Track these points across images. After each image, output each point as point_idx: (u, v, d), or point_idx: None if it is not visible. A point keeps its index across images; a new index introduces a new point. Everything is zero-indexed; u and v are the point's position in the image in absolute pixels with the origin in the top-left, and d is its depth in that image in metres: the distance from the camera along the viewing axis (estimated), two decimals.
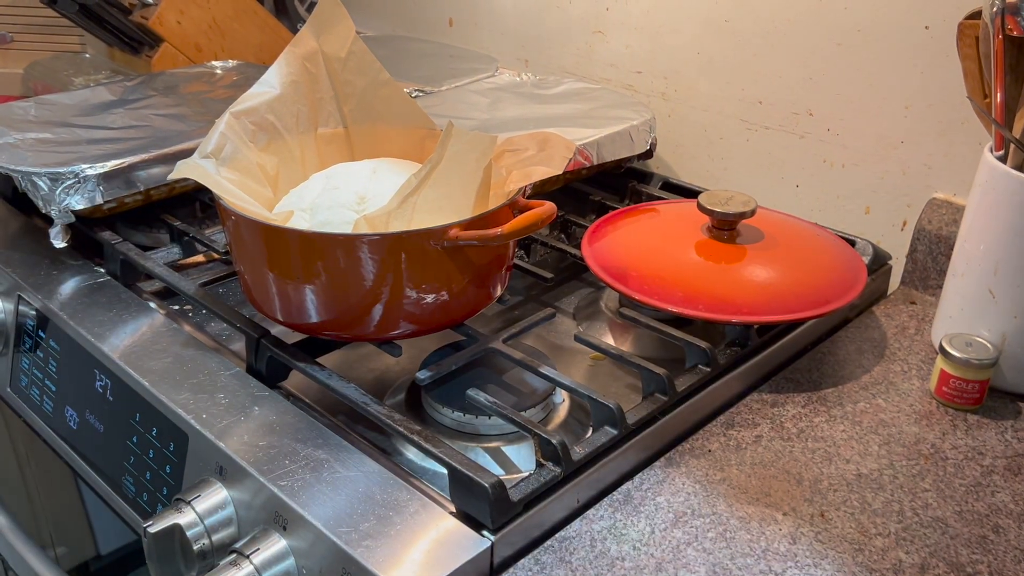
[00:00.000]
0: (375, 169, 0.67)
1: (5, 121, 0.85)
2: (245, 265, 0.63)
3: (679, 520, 0.55)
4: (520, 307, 0.81)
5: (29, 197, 0.76)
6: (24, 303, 0.75)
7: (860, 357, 0.73)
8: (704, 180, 0.99)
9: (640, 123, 0.91)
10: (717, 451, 0.61)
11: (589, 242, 0.75)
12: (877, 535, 0.55)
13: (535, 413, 0.63)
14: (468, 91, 1.01)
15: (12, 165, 0.75)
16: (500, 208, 0.61)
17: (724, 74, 0.94)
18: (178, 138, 0.82)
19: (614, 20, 1.02)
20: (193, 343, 0.68)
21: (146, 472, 0.63)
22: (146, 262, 0.74)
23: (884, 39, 0.82)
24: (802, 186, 0.92)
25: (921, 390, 0.69)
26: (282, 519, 0.53)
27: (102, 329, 0.69)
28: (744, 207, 0.72)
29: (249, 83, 1.00)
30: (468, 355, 0.64)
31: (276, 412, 0.60)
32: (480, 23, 1.18)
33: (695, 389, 0.64)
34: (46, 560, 0.81)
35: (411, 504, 0.53)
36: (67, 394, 0.71)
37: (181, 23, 1.15)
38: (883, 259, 0.83)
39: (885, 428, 0.65)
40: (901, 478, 0.60)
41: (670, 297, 0.67)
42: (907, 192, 0.85)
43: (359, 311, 0.60)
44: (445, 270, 0.60)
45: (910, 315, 0.79)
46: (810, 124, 0.89)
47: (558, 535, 0.54)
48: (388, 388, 0.69)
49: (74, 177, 0.74)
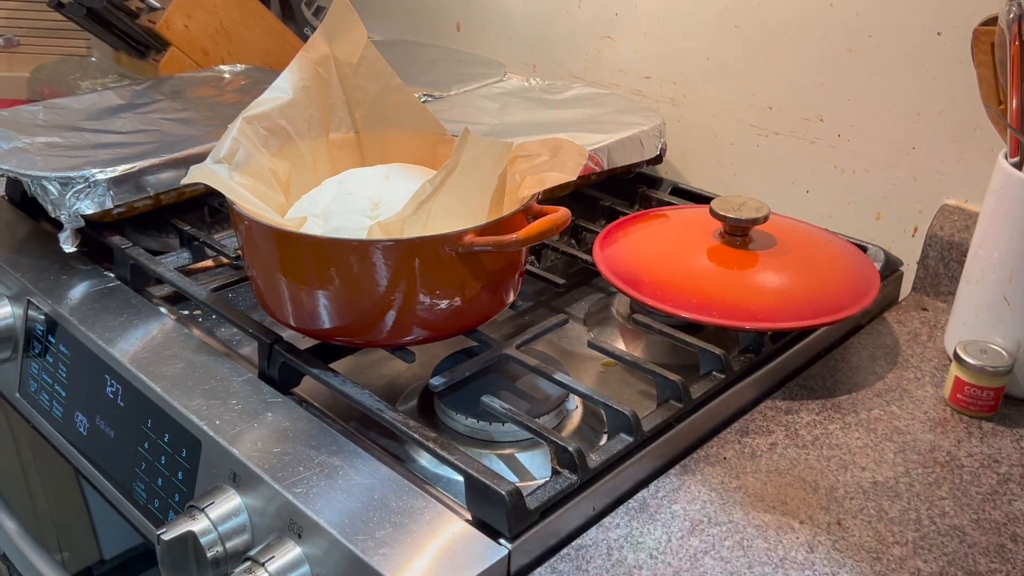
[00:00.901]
0: (388, 175, 0.67)
1: (13, 125, 0.84)
2: (257, 270, 0.62)
3: (696, 528, 0.55)
4: (530, 312, 0.81)
5: (38, 201, 0.75)
6: (33, 307, 0.75)
7: (873, 364, 0.72)
8: (713, 186, 0.99)
9: (650, 128, 0.90)
10: (732, 458, 0.61)
11: (601, 247, 0.75)
12: (895, 543, 0.55)
13: (549, 420, 0.63)
14: (477, 96, 1.01)
15: (22, 169, 0.75)
16: (514, 214, 0.61)
17: (734, 79, 0.94)
18: (187, 143, 0.82)
19: (623, 25, 1.02)
20: (204, 348, 0.67)
21: (158, 478, 0.62)
22: (156, 267, 0.74)
23: (896, 45, 0.82)
24: (812, 192, 0.91)
25: (935, 397, 0.69)
26: (297, 526, 0.53)
27: (112, 334, 0.69)
28: (757, 213, 0.72)
29: (257, 87, 1.01)
30: (482, 361, 0.64)
31: (289, 418, 0.60)
32: (488, 28, 1.18)
33: (710, 396, 0.63)
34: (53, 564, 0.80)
35: (426, 511, 0.53)
36: (77, 399, 0.70)
37: (188, 27, 1.15)
38: (895, 265, 0.83)
39: (900, 435, 0.64)
40: (917, 486, 0.60)
41: (684, 303, 0.67)
42: (918, 198, 0.85)
43: (372, 317, 0.60)
44: (459, 276, 0.59)
45: (922, 321, 0.79)
46: (820, 130, 0.89)
47: (574, 543, 0.54)
48: (399, 393, 0.69)
49: (84, 182, 0.74)
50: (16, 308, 0.77)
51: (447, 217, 0.60)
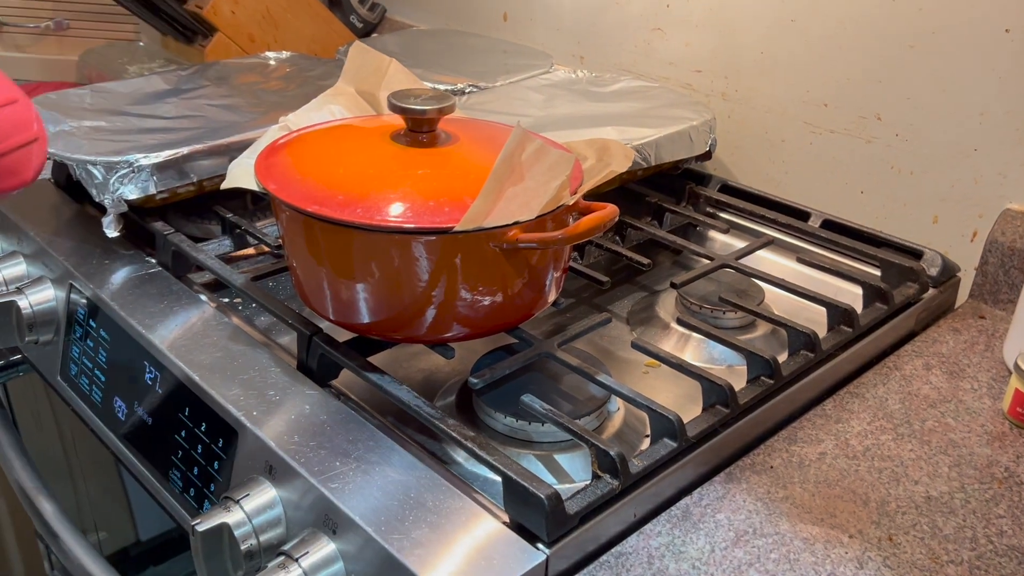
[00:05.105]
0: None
1: (61, 108, 0.85)
2: (297, 260, 0.62)
3: (740, 539, 0.53)
4: (571, 310, 0.79)
5: (83, 185, 0.75)
6: (75, 291, 0.75)
7: (927, 373, 0.70)
8: (764, 183, 0.96)
9: (700, 123, 0.88)
10: (779, 467, 0.59)
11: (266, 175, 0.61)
12: (949, 562, 0.53)
13: (589, 421, 0.61)
14: (522, 87, 0.99)
15: (68, 153, 0.75)
16: (559, 210, 0.59)
17: (788, 75, 0.91)
18: (231, 130, 0.82)
19: (674, 17, 1.00)
20: (242, 337, 0.67)
21: (194, 467, 0.62)
22: (197, 254, 0.74)
23: (961, 42, 0.79)
24: (867, 192, 0.89)
25: (992, 410, 0.66)
26: (332, 522, 0.52)
27: (152, 320, 0.68)
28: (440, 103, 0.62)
29: (302, 74, 1.00)
30: (522, 359, 0.62)
31: (327, 412, 0.59)
32: (535, 18, 1.16)
33: (758, 402, 0.61)
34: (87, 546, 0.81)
35: (463, 512, 0.52)
36: (116, 384, 0.70)
37: (235, 13, 1.15)
38: (952, 271, 0.80)
39: (955, 449, 0.62)
40: (973, 502, 0.57)
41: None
42: (978, 202, 0.81)
43: (412, 312, 0.58)
44: (502, 273, 0.58)
45: (979, 330, 0.76)
46: (878, 128, 0.86)
47: (614, 550, 0.52)
48: (437, 389, 0.68)
49: (128, 166, 0.73)
50: (59, 291, 0.77)
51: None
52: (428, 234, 0.55)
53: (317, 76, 0.99)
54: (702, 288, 0.76)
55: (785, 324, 0.67)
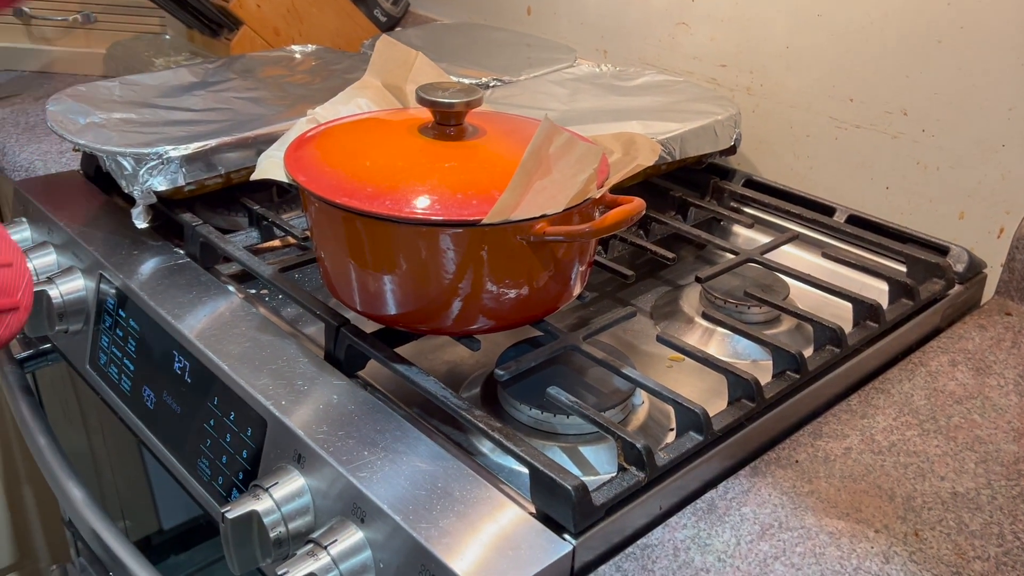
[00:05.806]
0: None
1: (91, 100, 0.85)
2: (325, 252, 0.62)
3: (766, 532, 0.53)
4: (595, 304, 0.79)
5: (112, 176, 0.76)
6: (105, 281, 0.76)
7: (953, 369, 0.69)
8: (788, 178, 0.96)
9: (725, 118, 0.88)
10: (805, 462, 0.59)
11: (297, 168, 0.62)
12: (976, 558, 0.52)
13: (614, 414, 0.61)
14: (546, 81, 0.99)
15: (98, 144, 0.76)
16: (586, 203, 0.59)
17: (814, 70, 0.91)
18: (258, 122, 0.82)
19: (699, 11, 1.00)
20: (270, 328, 0.67)
21: (222, 456, 0.63)
22: (225, 245, 0.74)
23: (990, 37, 0.78)
24: (892, 188, 0.88)
25: (1019, 407, 0.66)
26: (360, 510, 0.52)
27: (181, 310, 0.69)
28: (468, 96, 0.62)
29: (327, 68, 1.00)
30: (548, 352, 0.63)
31: (354, 402, 0.59)
32: (559, 12, 1.16)
33: (783, 396, 0.61)
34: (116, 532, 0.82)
35: (490, 502, 0.52)
36: (145, 374, 0.71)
37: (260, 7, 1.15)
38: (978, 267, 0.80)
39: (982, 445, 0.62)
40: (1000, 499, 0.57)
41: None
42: (1006, 198, 0.81)
43: (439, 304, 0.59)
44: (528, 265, 0.58)
45: (1006, 327, 0.75)
46: (904, 124, 0.86)
47: (639, 542, 0.53)
48: (462, 380, 0.68)
49: (158, 158, 0.74)
50: (88, 281, 0.78)
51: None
52: (456, 227, 0.56)
53: (342, 70, 0.99)
54: (727, 283, 0.76)
55: (811, 319, 0.67)
